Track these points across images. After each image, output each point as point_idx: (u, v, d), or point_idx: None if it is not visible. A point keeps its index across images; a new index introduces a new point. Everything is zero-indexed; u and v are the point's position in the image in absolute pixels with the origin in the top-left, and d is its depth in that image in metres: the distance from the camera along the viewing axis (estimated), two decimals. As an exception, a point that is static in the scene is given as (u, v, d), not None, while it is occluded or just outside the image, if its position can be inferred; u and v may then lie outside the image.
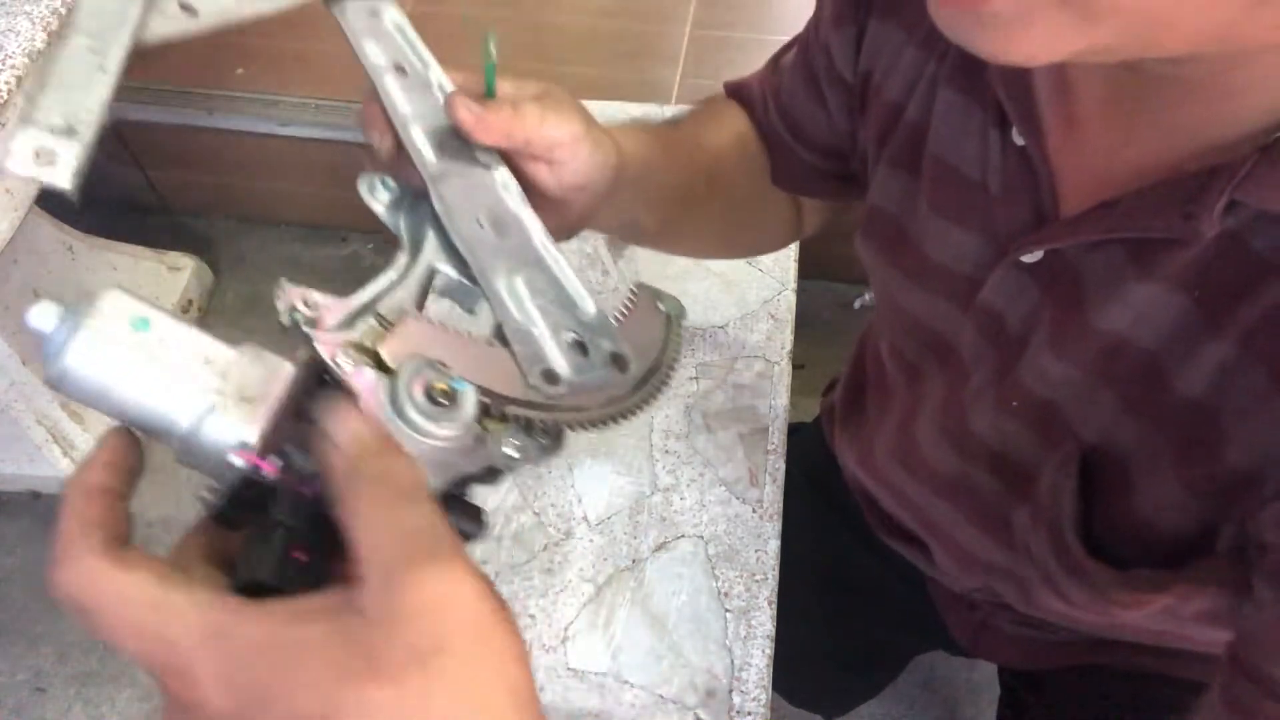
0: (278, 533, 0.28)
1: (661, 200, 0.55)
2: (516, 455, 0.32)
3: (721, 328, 0.89)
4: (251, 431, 0.28)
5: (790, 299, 0.91)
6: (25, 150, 0.25)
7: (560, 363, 0.36)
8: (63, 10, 0.95)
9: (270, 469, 0.29)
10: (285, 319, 0.31)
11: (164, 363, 0.28)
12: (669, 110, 1.09)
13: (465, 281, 0.38)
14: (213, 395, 0.28)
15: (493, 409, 0.32)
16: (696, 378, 0.85)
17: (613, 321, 0.38)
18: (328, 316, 0.31)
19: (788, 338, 0.87)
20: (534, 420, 0.33)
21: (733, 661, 0.70)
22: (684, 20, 1.65)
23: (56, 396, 1.39)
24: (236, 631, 0.25)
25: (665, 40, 1.62)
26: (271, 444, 0.29)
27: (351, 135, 1.58)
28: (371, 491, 0.27)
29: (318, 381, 0.31)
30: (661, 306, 0.40)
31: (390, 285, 0.35)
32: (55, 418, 1.40)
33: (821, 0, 0.56)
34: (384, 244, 1.84)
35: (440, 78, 0.41)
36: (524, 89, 0.44)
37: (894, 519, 0.70)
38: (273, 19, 0.39)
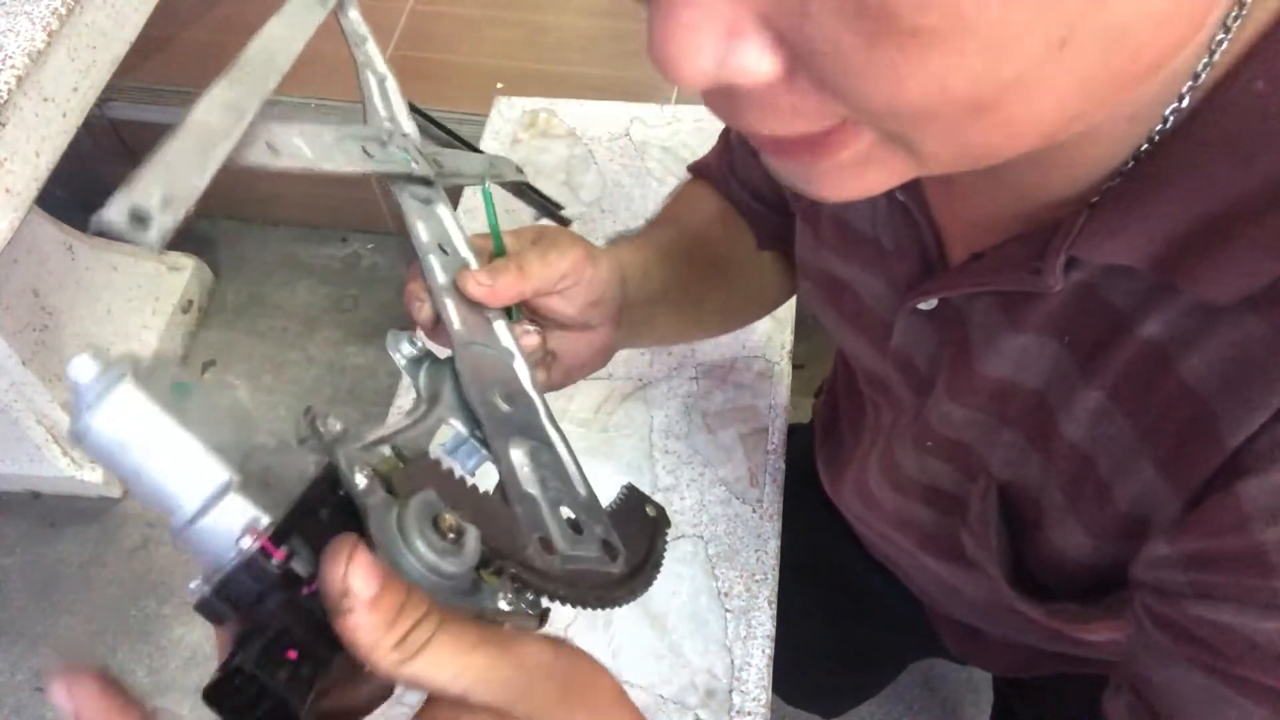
0: (271, 628, 0.27)
1: (667, 295, 0.57)
2: (508, 609, 0.32)
3: (721, 328, 0.89)
4: (265, 515, 0.28)
5: (790, 299, 0.91)
6: (122, 208, 0.27)
7: (556, 535, 0.38)
8: (63, 10, 0.95)
9: (279, 555, 0.28)
10: (304, 431, 0.32)
11: (193, 433, 0.28)
12: (669, 110, 1.09)
13: (473, 441, 0.41)
14: (234, 473, 0.28)
15: (491, 561, 0.32)
16: (696, 378, 0.85)
17: (604, 510, 0.41)
18: (349, 438, 0.32)
19: (788, 338, 0.87)
20: (527, 583, 0.33)
21: (733, 661, 0.70)
22: (684, 20, 1.65)
23: (56, 396, 1.39)
24: None
25: (665, 40, 1.62)
26: (282, 536, 0.28)
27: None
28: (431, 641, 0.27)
29: (331, 493, 0.30)
30: (650, 511, 0.43)
31: (406, 427, 0.37)
32: (55, 418, 1.40)
33: None
34: (383, 244, 1.84)
35: (471, 259, 0.45)
36: (522, 238, 0.48)
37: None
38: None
